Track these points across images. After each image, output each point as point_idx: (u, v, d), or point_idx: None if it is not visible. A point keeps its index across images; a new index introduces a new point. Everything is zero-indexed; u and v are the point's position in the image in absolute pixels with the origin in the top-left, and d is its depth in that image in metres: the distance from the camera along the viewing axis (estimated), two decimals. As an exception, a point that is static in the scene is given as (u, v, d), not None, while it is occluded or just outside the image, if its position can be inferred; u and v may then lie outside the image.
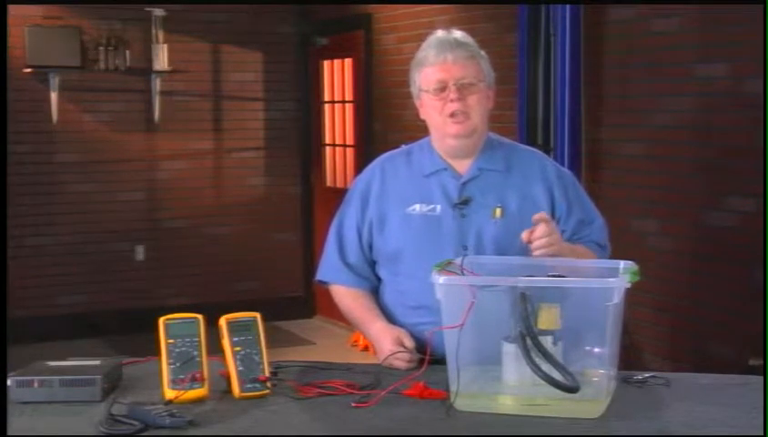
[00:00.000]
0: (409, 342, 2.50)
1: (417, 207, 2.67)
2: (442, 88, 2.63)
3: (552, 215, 2.67)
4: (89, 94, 7.46)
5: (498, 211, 2.64)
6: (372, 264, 2.76)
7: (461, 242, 2.61)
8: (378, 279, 2.77)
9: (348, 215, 2.77)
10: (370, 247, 2.74)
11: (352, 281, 2.75)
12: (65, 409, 2.08)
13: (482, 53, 2.70)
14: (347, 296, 2.77)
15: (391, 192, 2.72)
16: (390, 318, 2.70)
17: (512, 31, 5.44)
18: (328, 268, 2.79)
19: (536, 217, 2.46)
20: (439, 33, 2.71)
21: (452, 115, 2.63)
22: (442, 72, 2.63)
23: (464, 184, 2.68)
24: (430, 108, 2.67)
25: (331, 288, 2.81)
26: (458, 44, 2.66)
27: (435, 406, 2.06)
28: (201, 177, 7.86)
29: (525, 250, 2.56)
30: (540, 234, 2.43)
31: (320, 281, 2.84)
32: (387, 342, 2.52)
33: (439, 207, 2.66)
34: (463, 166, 2.70)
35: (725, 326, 4.40)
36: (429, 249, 2.59)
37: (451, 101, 2.62)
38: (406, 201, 2.69)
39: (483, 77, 2.67)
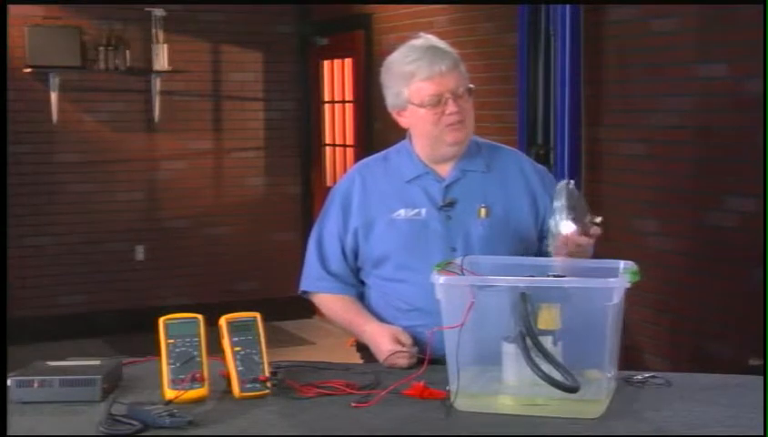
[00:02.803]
0: (407, 339, 2.51)
1: (402, 212, 2.68)
2: (438, 102, 2.62)
3: (536, 211, 2.71)
4: (89, 94, 7.46)
5: (483, 211, 2.66)
6: (356, 271, 2.76)
7: (449, 244, 2.62)
8: (362, 284, 2.77)
9: (329, 225, 2.77)
10: (355, 255, 2.74)
11: (337, 289, 2.75)
12: (65, 409, 2.08)
13: (457, 55, 2.70)
14: (334, 303, 2.77)
15: (373, 199, 2.72)
16: (382, 320, 2.70)
17: (512, 31, 5.44)
18: (312, 279, 2.79)
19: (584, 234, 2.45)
20: (420, 42, 2.69)
21: (452, 124, 2.63)
22: (437, 85, 2.62)
23: (447, 187, 2.69)
24: (422, 121, 2.66)
25: (315, 297, 2.81)
26: (443, 53, 2.65)
27: (435, 406, 2.06)
28: (201, 177, 7.86)
29: (512, 249, 2.58)
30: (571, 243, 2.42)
31: (304, 292, 2.83)
32: (384, 342, 2.52)
33: (423, 210, 2.67)
34: (445, 169, 2.71)
35: (725, 326, 4.40)
36: (418, 253, 2.61)
37: (450, 114, 2.62)
38: (390, 207, 2.69)
39: (469, 83, 2.68)
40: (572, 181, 2.49)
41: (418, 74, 2.63)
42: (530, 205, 2.71)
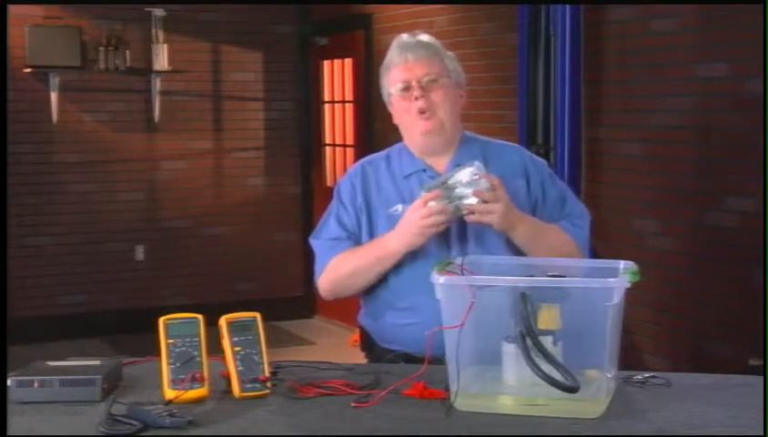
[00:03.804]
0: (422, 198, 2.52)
1: (399, 207, 2.69)
2: (407, 88, 2.68)
3: (532, 205, 2.72)
4: (89, 94, 7.46)
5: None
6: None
7: (444, 240, 2.63)
8: None
9: (332, 216, 2.78)
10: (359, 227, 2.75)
11: (349, 246, 2.74)
12: (65, 409, 2.08)
13: (449, 54, 2.75)
14: (347, 254, 2.72)
15: (374, 194, 2.75)
16: (377, 319, 2.72)
17: (512, 31, 5.44)
18: (322, 255, 2.77)
19: (485, 180, 2.50)
20: (404, 36, 2.75)
21: (419, 112, 2.65)
22: (405, 72, 2.68)
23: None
24: (399, 109, 2.72)
25: (330, 264, 2.75)
26: (419, 44, 2.71)
27: (435, 406, 2.06)
28: (201, 177, 7.86)
29: (507, 244, 2.58)
30: (481, 196, 2.50)
31: (320, 274, 2.81)
32: (413, 224, 2.53)
33: None
34: (441, 164, 2.73)
35: (725, 326, 4.40)
36: (414, 249, 2.61)
37: (416, 99, 2.66)
38: (388, 203, 2.71)
39: (447, 74, 2.71)
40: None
41: (391, 63, 2.71)
42: (526, 198, 2.71)
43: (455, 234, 2.63)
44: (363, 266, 2.69)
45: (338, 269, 2.74)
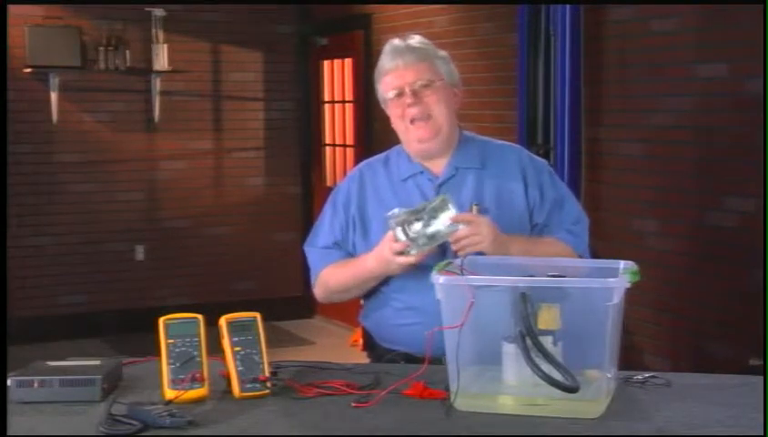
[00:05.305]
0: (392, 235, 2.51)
1: (396, 210, 2.69)
2: (400, 94, 2.67)
3: (529, 206, 2.71)
4: (89, 94, 7.46)
5: (474, 209, 2.65)
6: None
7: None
8: None
9: (325, 221, 2.80)
10: (347, 236, 2.76)
11: (339, 256, 2.76)
12: (65, 409, 2.08)
13: (441, 54, 2.73)
14: (336, 266, 2.75)
15: (371, 197, 2.76)
16: (377, 319, 2.72)
17: (512, 31, 5.44)
18: (314, 266, 2.80)
19: (458, 217, 2.48)
20: (395, 41, 2.73)
21: (413, 120, 2.65)
22: (397, 78, 2.67)
23: (440, 185, 2.70)
24: (392, 115, 2.72)
25: (321, 276, 2.79)
26: (409, 49, 2.69)
27: (435, 406, 2.06)
28: (201, 177, 7.86)
29: None
30: (461, 235, 2.48)
31: (314, 285, 2.84)
32: (385, 254, 2.52)
33: None
34: (439, 166, 2.73)
35: (725, 326, 4.40)
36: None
37: (408, 106, 2.65)
38: (386, 206, 2.70)
39: (440, 76, 2.69)
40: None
41: (383, 69, 2.70)
42: (523, 200, 2.71)
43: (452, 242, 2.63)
44: (351, 283, 2.74)
45: (328, 284, 2.78)
